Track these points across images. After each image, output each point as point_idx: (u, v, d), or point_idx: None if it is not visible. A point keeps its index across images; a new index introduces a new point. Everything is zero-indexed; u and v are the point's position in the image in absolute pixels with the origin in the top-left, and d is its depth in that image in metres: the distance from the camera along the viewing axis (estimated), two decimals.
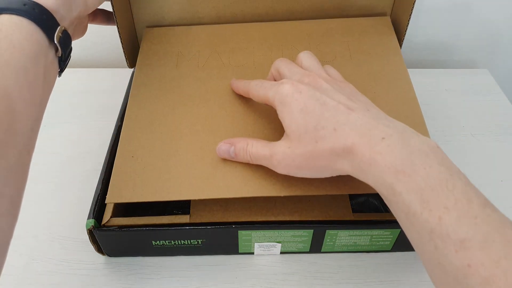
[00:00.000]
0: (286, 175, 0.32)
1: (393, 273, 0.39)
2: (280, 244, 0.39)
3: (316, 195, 0.33)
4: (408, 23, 0.47)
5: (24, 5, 0.29)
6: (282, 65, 0.36)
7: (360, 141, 0.27)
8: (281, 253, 0.40)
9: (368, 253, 0.40)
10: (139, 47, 0.52)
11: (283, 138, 0.32)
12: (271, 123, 0.38)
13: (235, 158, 0.35)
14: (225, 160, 0.36)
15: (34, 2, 0.30)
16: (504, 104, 0.57)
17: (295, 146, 0.30)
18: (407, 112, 0.39)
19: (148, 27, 0.50)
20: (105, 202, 0.35)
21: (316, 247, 0.39)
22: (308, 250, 0.40)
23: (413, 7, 0.44)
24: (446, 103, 0.57)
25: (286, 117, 0.31)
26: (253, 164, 0.35)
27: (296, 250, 0.40)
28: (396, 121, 0.30)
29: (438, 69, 0.63)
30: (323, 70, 0.35)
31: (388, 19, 0.49)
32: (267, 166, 0.33)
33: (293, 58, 0.38)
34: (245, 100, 0.41)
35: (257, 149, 0.33)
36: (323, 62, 0.42)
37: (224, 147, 0.35)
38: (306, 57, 0.36)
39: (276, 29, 0.48)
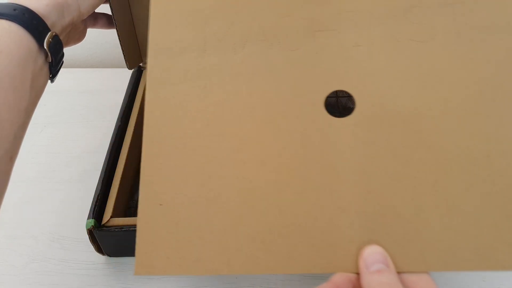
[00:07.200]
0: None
1: None
2: None
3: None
4: None
5: (14, 10, 0.29)
6: None
7: None
8: None
9: None
10: (139, 49, 0.52)
11: None
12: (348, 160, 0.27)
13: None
14: (283, 212, 0.26)
15: (24, 7, 0.30)
16: None
17: None
18: None
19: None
20: (134, 275, 0.27)
21: None
22: None
23: None
24: None
25: None
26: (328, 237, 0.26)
27: None
28: None
29: None
30: None
31: None
32: None
33: (370, 38, 0.27)
34: (308, 111, 0.28)
35: None
36: (414, 43, 0.28)
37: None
38: None
39: None
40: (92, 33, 0.43)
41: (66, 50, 0.36)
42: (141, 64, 0.53)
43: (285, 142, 0.27)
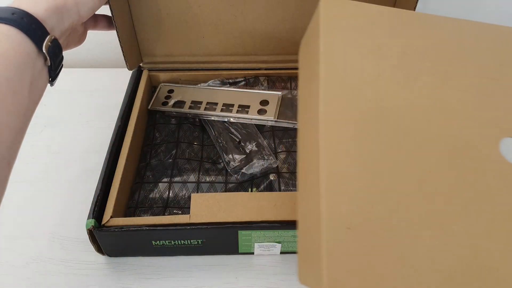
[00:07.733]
0: None
1: None
2: (280, 244, 0.39)
3: None
4: None
5: (13, 14, 0.29)
6: None
7: None
8: (281, 253, 0.40)
9: None
10: (139, 49, 0.52)
11: None
12: None
13: None
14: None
15: (23, 11, 0.30)
16: None
17: None
18: None
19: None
20: None
21: None
22: None
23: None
24: None
25: None
26: None
27: (296, 250, 0.40)
28: None
29: None
30: None
31: None
32: None
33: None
34: (485, 153, 0.28)
35: None
36: None
37: None
38: None
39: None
40: (92, 33, 0.43)
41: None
42: (141, 64, 0.53)
43: (467, 180, 0.27)
